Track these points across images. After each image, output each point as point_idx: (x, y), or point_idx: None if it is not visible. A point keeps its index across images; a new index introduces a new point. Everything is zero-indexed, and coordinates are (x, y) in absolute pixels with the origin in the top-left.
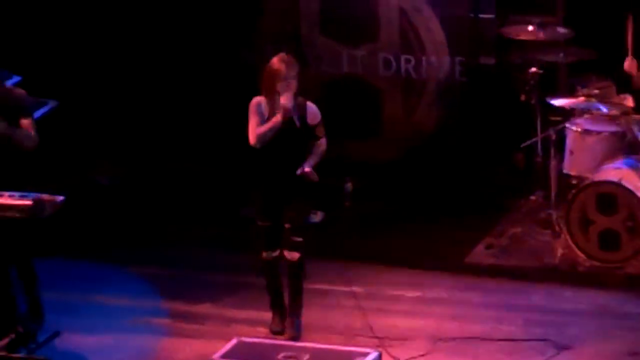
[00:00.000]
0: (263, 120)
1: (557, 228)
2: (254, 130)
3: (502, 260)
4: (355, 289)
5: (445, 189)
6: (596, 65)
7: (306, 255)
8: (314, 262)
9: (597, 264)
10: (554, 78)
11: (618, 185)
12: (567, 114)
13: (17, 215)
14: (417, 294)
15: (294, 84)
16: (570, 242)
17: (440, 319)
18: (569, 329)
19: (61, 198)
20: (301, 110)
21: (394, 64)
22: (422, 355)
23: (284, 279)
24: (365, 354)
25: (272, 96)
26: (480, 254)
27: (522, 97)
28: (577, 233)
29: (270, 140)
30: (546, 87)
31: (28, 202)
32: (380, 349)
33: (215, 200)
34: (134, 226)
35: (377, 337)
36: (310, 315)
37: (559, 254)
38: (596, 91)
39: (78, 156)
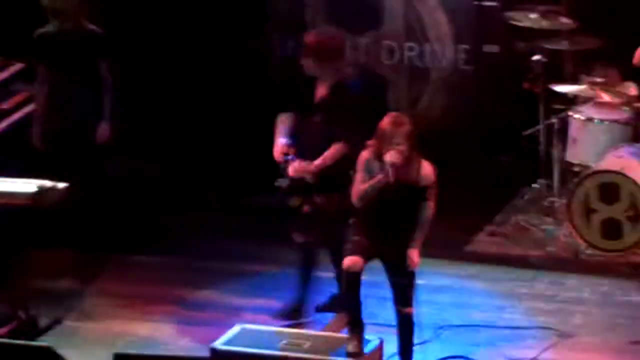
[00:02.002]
0: (369, 179)
1: (559, 216)
2: (357, 188)
3: (504, 248)
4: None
5: (448, 176)
6: (601, 54)
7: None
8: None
9: (599, 252)
10: (559, 66)
11: (620, 174)
12: (570, 102)
13: (20, 202)
14: (420, 281)
15: (402, 144)
16: (572, 230)
17: (442, 306)
18: (571, 317)
19: (65, 185)
20: (412, 169)
21: (397, 52)
22: (424, 343)
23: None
24: (367, 341)
25: (381, 155)
26: (482, 241)
27: (526, 85)
28: (579, 221)
29: (374, 199)
30: (550, 75)
31: (32, 189)
32: (382, 337)
33: (219, 187)
34: (136, 215)
35: (379, 325)
36: (314, 302)
37: (561, 243)
38: (600, 79)
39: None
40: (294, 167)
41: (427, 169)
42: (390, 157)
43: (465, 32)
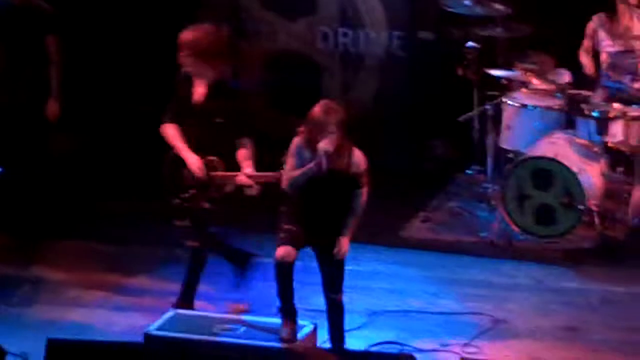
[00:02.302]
0: (300, 165)
1: (493, 202)
2: (288, 174)
3: (438, 234)
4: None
5: (380, 162)
6: (534, 41)
7: (247, 229)
8: (256, 236)
9: (532, 238)
10: (492, 53)
11: (554, 160)
12: (504, 89)
13: None
14: (354, 267)
15: (334, 133)
16: (506, 216)
17: (376, 292)
18: (505, 303)
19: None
20: (344, 157)
21: (331, 37)
22: (358, 328)
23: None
24: (301, 327)
25: (313, 143)
26: (416, 227)
27: (460, 72)
28: (513, 208)
29: (305, 186)
30: (484, 62)
31: None
32: (316, 322)
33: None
34: (68, 201)
35: (313, 310)
36: (250, 288)
37: (495, 229)
38: (534, 66)
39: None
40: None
41: (358, 157)
42: (322, 145)
43: (399, 18)
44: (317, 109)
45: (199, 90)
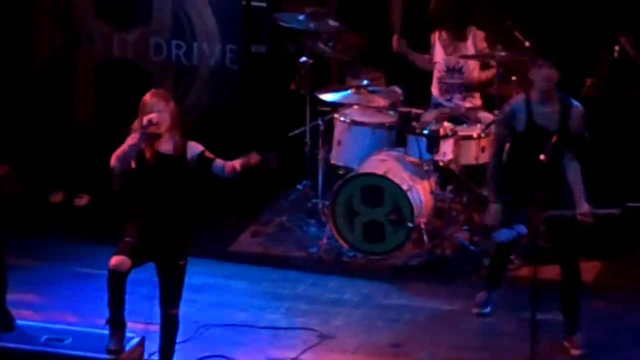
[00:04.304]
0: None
1: (322, 218)
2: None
3: (267, 248)
4: None
5: (211, 176)
6: (367, 57)
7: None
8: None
9: (361, 255)
10: (326, 68)
11: (384, 177)
12: (336, 104)
13: None
14: None
15: (162, 111)
16: (335, 232)
17: (204, 305)
18: (332, 319)
19: None
20: (179, 147)
21: (165, 49)
22: (185, 341)
23: None
24: (129, 338)
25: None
26: (245, 241)
27: (293, 86)
28: (342, 224)
29: (144, 174)
30: (317, 77)
31: None
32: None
33: None
34: None
35: (144, 323)
36: (81, 297)
37: (323, 244)
38: (366, 82)
39: None
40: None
41: (194, 144)
42: (147, 116)
43: (233, 31)
44: (146, 95)
45: None
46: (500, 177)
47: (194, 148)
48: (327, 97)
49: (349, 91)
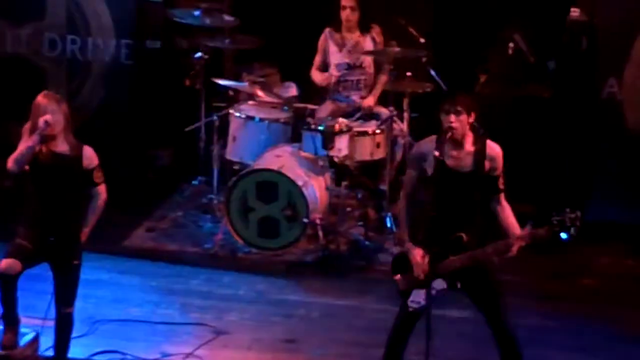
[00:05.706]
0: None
1: (217, 214)
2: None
3: (162, 244)
4: None
5: (105, 170)
6: (261, 53)
7: None
8: None
9: (256, 250)
10: (220, 64)
11: (279, 173)
12: (231, 100)
13: None
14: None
15: (55, 112)
16: (230, 228)
17: (98, 301)
18: (227, 314)
19: None
20: (75, 148)
21: (59, 44)
22: (80, 337)
23: None
24: (23, 334)
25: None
26: (140, 237)
27: (187, 82)
28: (237, 219)
29: (39, 175)
30: (212, 72)
31: None
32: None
33: None
34: None
35: (41, 319)
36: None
37: (218, 240)
38: (261, 79)
39: None
40: None
41: (89, 151)
42: (43, 118)
43: (127, 27)
44: (38, 97)
45: None
46: (410, 221)
47: (90, 158)
48: (225, 83)
49: (245, 85)
